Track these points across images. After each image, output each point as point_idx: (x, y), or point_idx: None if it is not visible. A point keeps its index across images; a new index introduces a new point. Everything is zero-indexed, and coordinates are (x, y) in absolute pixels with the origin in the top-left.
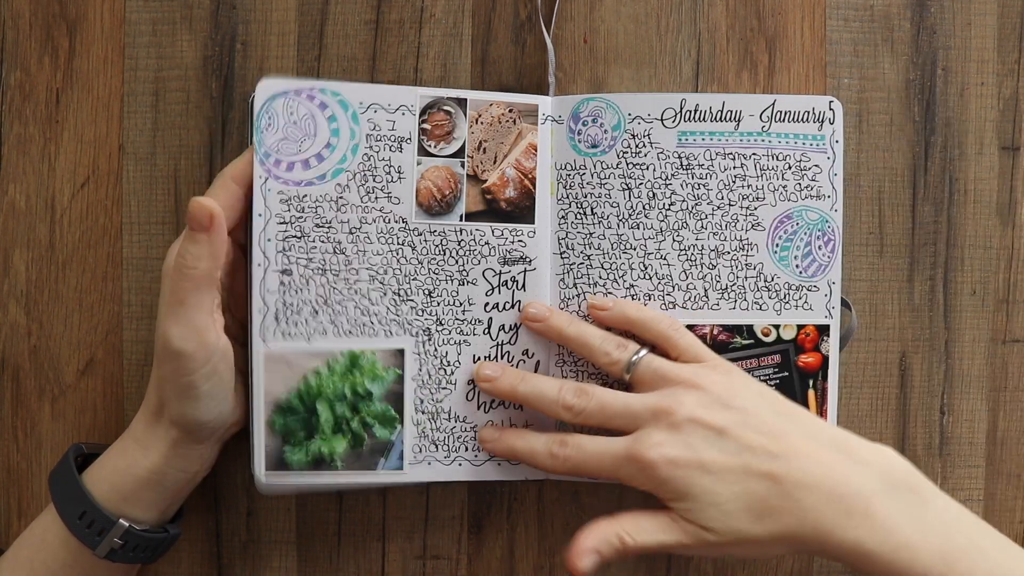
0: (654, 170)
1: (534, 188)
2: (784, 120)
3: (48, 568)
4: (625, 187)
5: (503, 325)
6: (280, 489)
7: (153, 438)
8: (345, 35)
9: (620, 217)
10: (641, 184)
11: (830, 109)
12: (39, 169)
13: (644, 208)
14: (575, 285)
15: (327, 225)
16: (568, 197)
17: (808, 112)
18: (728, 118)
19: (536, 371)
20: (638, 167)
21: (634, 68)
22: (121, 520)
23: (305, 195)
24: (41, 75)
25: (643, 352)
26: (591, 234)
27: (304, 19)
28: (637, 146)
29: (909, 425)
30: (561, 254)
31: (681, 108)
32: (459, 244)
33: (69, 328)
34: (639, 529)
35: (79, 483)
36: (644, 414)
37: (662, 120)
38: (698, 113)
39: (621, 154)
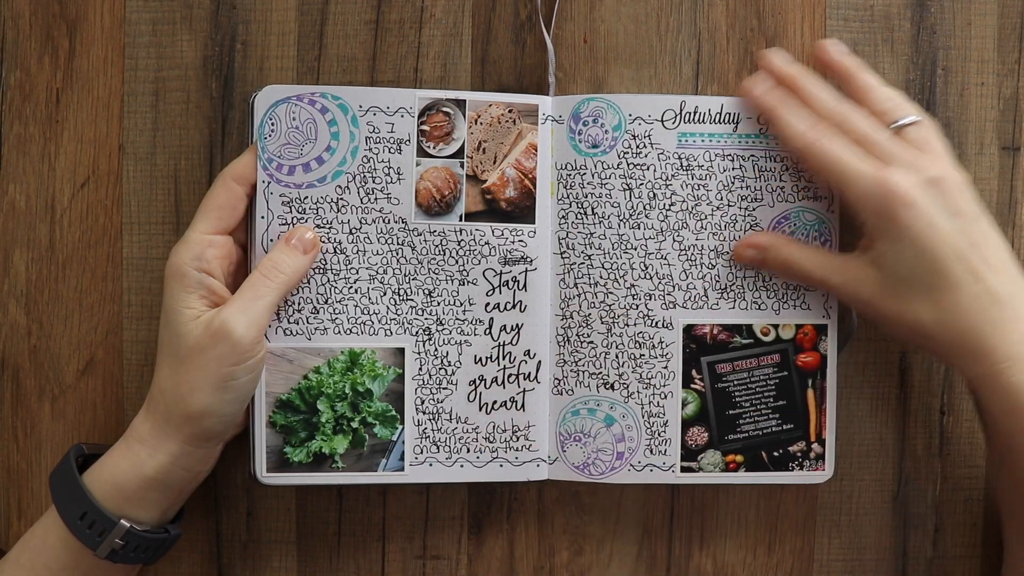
0: (655, 170)
1: (534, 188)
2: None
3: (49, 570)
4: (626, 187)
5: (504, 325)
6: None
7: (162, 437)
8: (345, 35)
9: (621, 217)
10: (642, 184)
11: None
12: (39, 169)
13: (645, 208)
14: (576, 285)
15: (327, 226)
16: (568, 197)
17: None
18: (727, 120)
19: (537, 371)
20: (639, 167)
21: (634, 68)
22: (122, 521)
23: (306, 197)
24: (41, 75)
25: (922, 118)
26: (592, 234)
27: (304, 19)
28: (638, 147)
29: (909, 425)
30: (562, 254)
31: (681, 109)
32: (459, 244)
33: (69, 328)
34: (810, 258)
35: (80, 484)
36: (909, 154)
37: (662, 121)
38: (698, 115)
39: (622, 154)
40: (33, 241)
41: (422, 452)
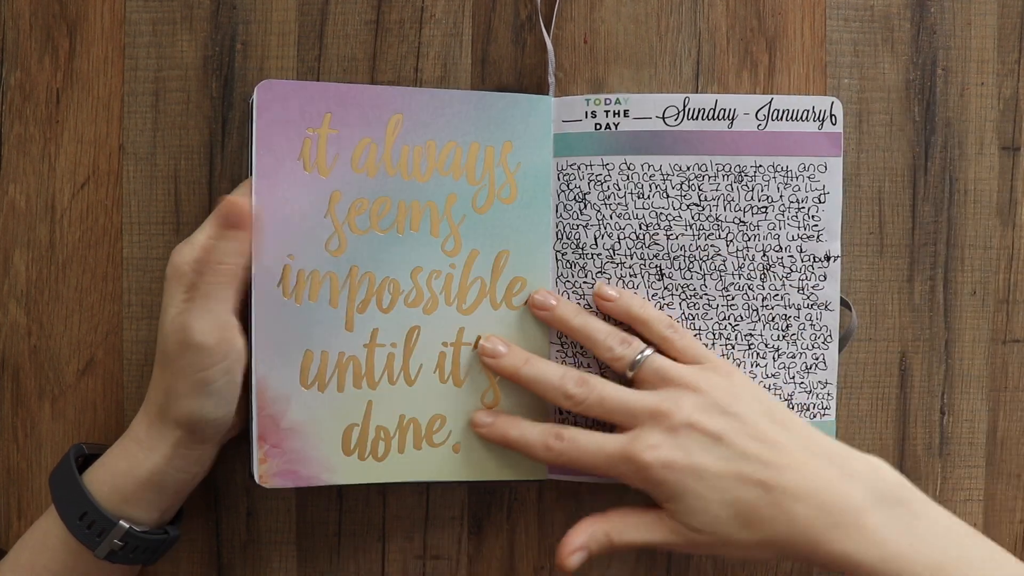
0: (652, 168)
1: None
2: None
3: (49, 570)
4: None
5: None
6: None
7: (157, 438)
8: (345, 35)
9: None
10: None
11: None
12: (39, 169)
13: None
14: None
15: None
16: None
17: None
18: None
19: None
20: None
21: (634, 68)
22: (121, 521)
23: None
24: (41, 75)
25: (647, 351)
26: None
27: (304, 19)
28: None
29: (909, 425)
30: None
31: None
32: None
33: (69, 328)
34: (627, 527)
35: (79, 484)
36: (643, 414)
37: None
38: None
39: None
40: (33, 241)
41: None
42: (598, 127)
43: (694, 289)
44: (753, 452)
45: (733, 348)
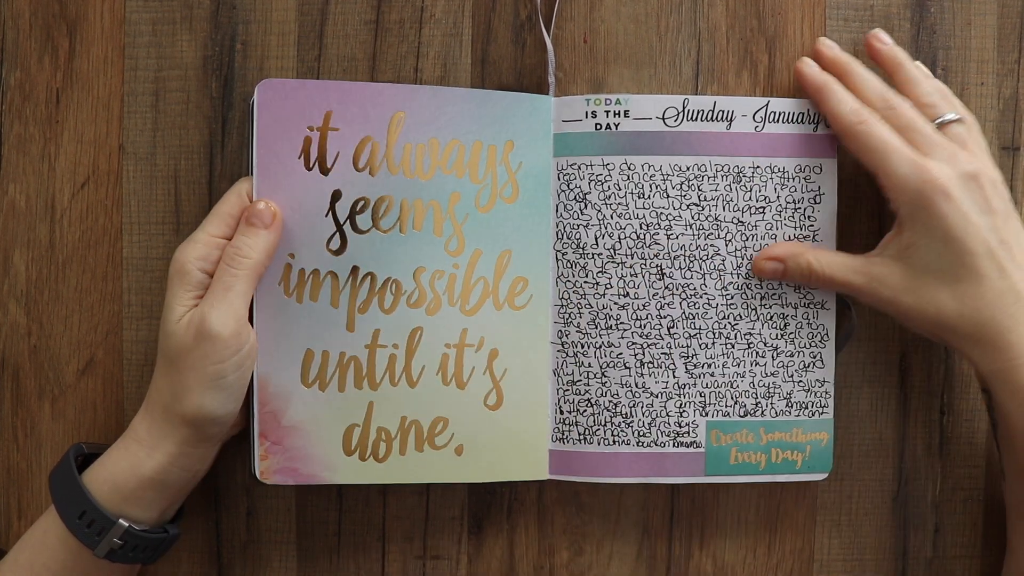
0: (652, 168)
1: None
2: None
3: (49, 569)
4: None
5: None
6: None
7: (159, 437)
8: (345, 35)
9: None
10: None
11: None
12: (39, 169)
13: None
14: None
15: None
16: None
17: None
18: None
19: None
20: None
21: (634, 68)
22: (121, 520)
23: None
24: (41, 75)
25: (966, 116)
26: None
27: (304, 19)
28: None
29: (909, 425)
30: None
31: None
32: None
33: (69, 328)
34: (832, 261)
35: (79, 483)
36: (949, 148)
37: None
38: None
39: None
40: (33, 241)
41: None
42: (598, 127)
43: (694, 288)
44: (1011, 240)
45: (733, 347)
